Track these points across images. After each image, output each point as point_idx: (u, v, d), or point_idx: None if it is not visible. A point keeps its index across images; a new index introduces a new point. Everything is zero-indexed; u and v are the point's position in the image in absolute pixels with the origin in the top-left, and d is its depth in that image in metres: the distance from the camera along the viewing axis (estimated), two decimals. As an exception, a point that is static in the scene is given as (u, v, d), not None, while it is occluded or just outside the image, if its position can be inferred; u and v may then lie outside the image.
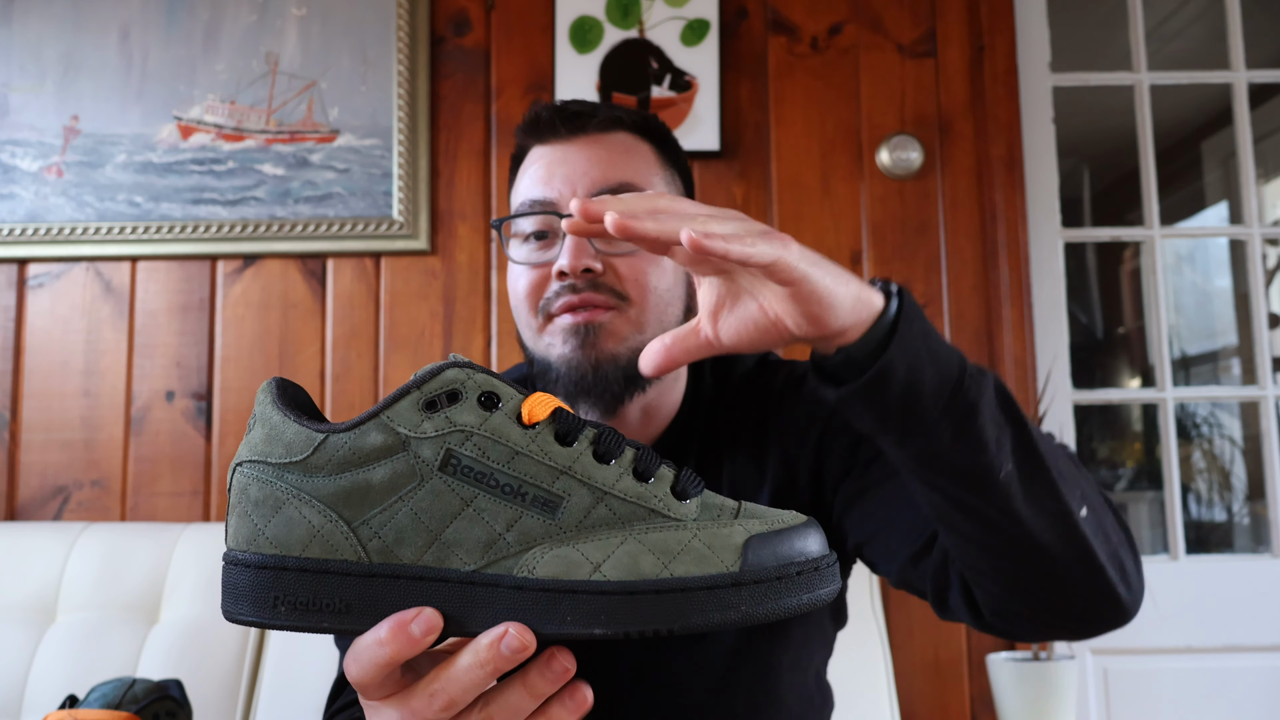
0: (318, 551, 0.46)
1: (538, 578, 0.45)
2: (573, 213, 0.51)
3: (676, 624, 0.44)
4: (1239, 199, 2.24)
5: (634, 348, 0.86)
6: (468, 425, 0.46)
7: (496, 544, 0.45)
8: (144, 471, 1.93)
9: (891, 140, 1.96)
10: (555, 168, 0.89)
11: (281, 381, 0.50)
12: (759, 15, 2.03)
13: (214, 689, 1.54)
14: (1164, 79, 2.16)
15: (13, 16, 2.03)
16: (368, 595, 0.45)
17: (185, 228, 1.97)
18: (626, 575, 0.44)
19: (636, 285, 0.87)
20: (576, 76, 1.98)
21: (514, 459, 0.46)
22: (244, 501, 0.47)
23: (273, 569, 0.46)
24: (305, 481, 0.46)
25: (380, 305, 1.97)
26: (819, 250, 0.57)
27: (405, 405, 0.46)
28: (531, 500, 0.46)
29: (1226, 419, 3.72)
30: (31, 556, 1.66)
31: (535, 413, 0.47)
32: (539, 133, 0.92)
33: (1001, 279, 1.94)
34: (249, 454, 0.48)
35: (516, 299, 0.90)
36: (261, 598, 0.46)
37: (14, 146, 2.00)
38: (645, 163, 0.91)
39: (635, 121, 0.92)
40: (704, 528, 0.46)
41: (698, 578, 0.45)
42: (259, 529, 0.46)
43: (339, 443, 0.46)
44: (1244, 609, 1.98)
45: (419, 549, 0.45)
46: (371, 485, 0.46)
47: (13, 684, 1.56)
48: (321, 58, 2.00)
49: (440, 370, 0.47)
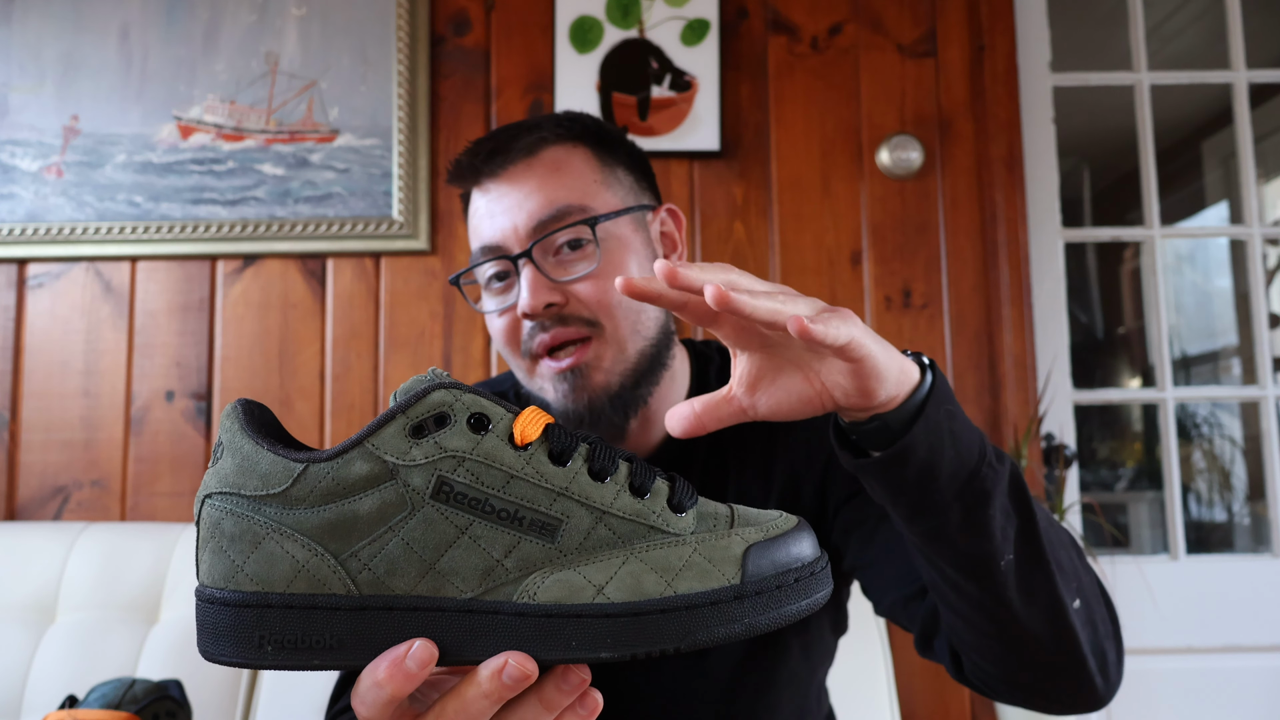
0: (304, 587, 0.43)
1: (540, 603, 0.44)
2: (659, 272, 0.51)
3: (683, 642, 0.43)
4: (1239, 199, 2.24)
5: (623, 371, 0.86)
6: (459, 450, 0.44)
7: (494, 571, 0.44)
8: (144, 471, 1.93)
9: (891, 140, 1.96)
10: (494, 209, 0.87)
11: (247, 404, 0.47)
12: (759, 15, 2.03)
13: (214, 689, 1.54)
14: (1164, 79, 2.16)
15: (13, 16, 2.03)
16: (361, 629, 0.43)
17: (185, 228, 1.97)
18: (630, 596, 0.44)
19: (602, 307, 0.86)
20: (576, 76, 1.98)
21: (509, 483, 0.44)
22: (217, 536, 0.44)
23: (255, 607, 0.43)
24: (286, 514, 0.44)
25: (380, 305, 1.97)
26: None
27: (391, 432, 0.44)
28: (529, 525, 0.44)
29: (1227, 419, 3.72)
30: (31, 556, 1.66)
31: (527, 433, 0.45)
32: (465, 179, 0.90)
33: (1001, 279, 1.94)
34: (219, 485, 0.45)
35: (497, 344, 0.90)
36: (245, 637, 0.43)
37: (14, 146, 2.00)
38: (579, 174, 0.88)
39: (560, 131, 0.89)
40: (703, 540, 0.45)
41: (701, 593, 0.44)
42: (237, 565, 0.44)
43: (320, 473, 0.44)
44: (1244, 609, 1.98)
45: (413, 579, 0.44)
46: (359, 516, 0.43)
47: (13, 684, 1.56)
48: (321, 58, 2.00)
49: (425, 393, 0.45)
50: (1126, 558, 2.02)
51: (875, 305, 1.96)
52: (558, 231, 0.85)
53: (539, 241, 0.85)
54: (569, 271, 0.85)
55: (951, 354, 1.94)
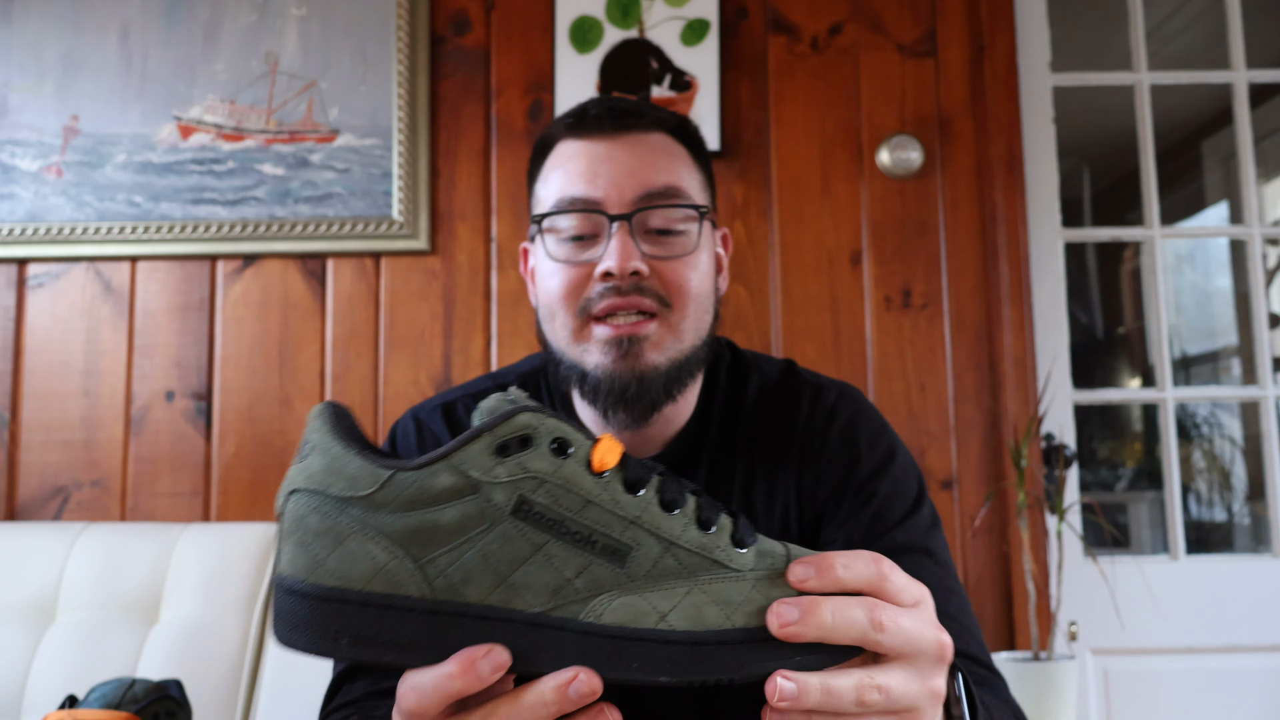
0: (381, 586, 0.45)
1: (604, 624, 0.45)
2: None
3: (738, 674, 0.45)
4: (1239, 199, 2.24)
5: (673, 357, 0.86)
6: (541, 472, 0.46)
7: (564, 589, 0.46)
8: (144, 471, 1.93)
9: (891, 140, 1.96)
10: (599, 165, 0.87)
11: (335, 407, 0.49)
12: (759, 15, 2.03)
13: (214, 689, 1.54)
14: (1164, 79, 2.16)
15: (13, 16, 2.03)
16: (432, 632, 0.45)
17: (185, 228, 1.97)
18: (692, 625, 0.45)
19: (679, 291, 0.86)
20: (576, 76, 1.98)
21: (586, 508, 0.46)
22: (301, 530, 0.47)
23: (335, 602, 0.45)
24: (370, 517, 0.46)
25: (380, 305, 1.97)
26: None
27: (477, 449, 0.46)
28: (601, 549, 0.46)
29: (1227, 419, 3.72)
30: (31, 556, 1.66)
31: (605, 460, 0.47)
32: (584, 128, 0.89)
33: (1001, 279, 1.94)
34: (306, 482, 0.47)
35: (551, 298, 0.88)
36: (323, 630, 0.45)
37: (14, 146, 2.00)
38: (684, 166, 0.90)
39: (675, 124, 0.91)
40: (761, 578, 0.47)
41: (759, 629, 0.46)
42: (319, 560, 0.46)
43: (406, 481, 0.46)
44: (1244, 609, 1.98)
45: (485, 589, 0.45)
46: (440, 525, 0.46)
47: (13, 684, 1.56)
48: (321, 58, 2.00)
49: (512, 414, 0.47)
50: (1126, 558, 2.02)
51: (875, 305, 1.96)
52: (666, 207, 0.86)
53: (641, 211, 0.86)
54: (659, 248, 0.86)
55: (951, 354, 1.94)
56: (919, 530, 0.88)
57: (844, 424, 0.92)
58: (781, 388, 0.96)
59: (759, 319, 1.96)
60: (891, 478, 0.90)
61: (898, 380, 1.94)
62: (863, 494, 0.88)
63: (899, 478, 0.90)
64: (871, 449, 0.91)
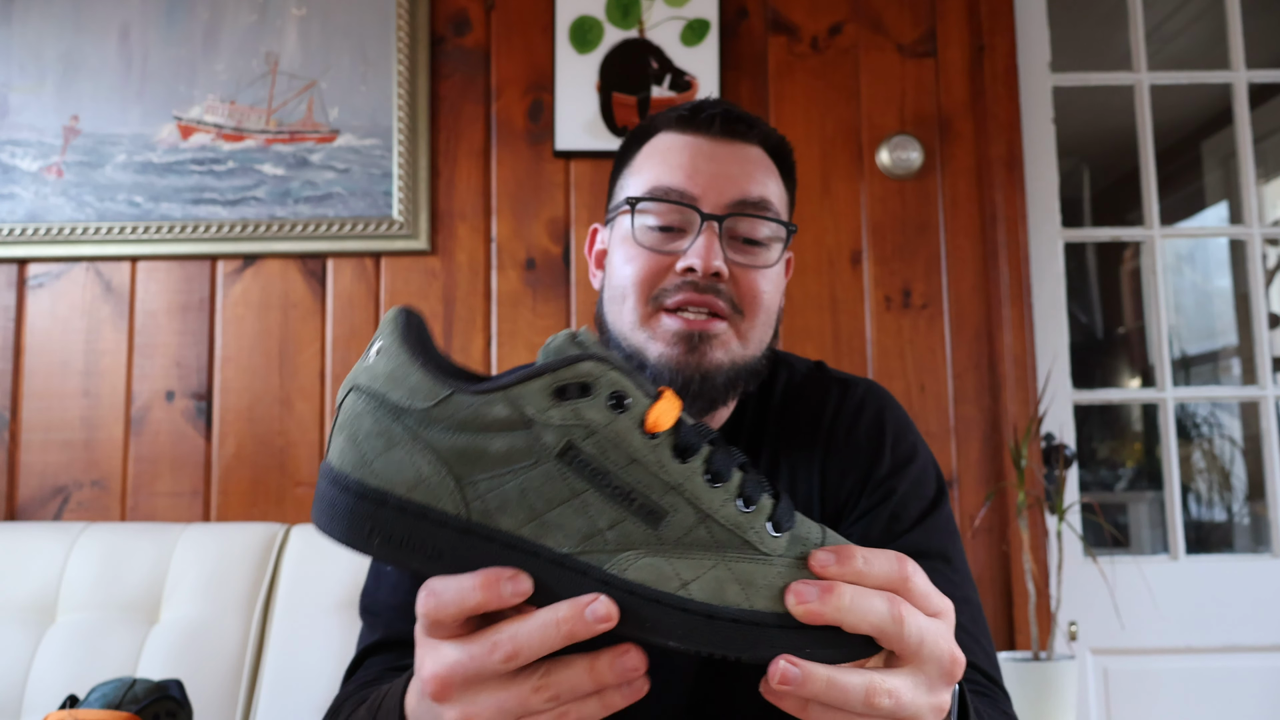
0: (421, 497, 0.46)
1: (626, 578, 0.46)
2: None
3: (746, 654, 0.46)
4: (1239, 199, 2.24)
5: (737, 360, 0.87)
6: (593, 423, 0.47)
7: (595, 538, 0.46)
8: (144, 471, 1.93)
9: (891, 140, 1.96)
10: (700, 162, 0.88)
11: (410, 314, 0.50)
12: (759, 15, 2.03)
13: (214, 689, 1.54)
14: (1164, 79, 2.16)
15: (13, 16, 2.03)
16: (461, 548, 0.46)
17: (185, 228, 1.97)
18: (711, 599, 0.46)
19: (753, 299, 0.87)
20: (576, 76, 1.98)
21: (630, 465, 0.47)
22: (355, 427, 0.48)
23: (374, 501, 0.47)
24: (423, 429, 0.47)
25: (380, 305, 1.97)
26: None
27: (536, 388, 0.47)
28: (638, 508, 0.47)
29: (1226, 419, 3.72)
30: (31, 556, 1.66)
31: (659, 422, 0.47)
32: (693, 124, 0.90)
33: (1001, 279, 1.94)
34: (369, 382, 0.48)
35: (623, 282, 0.88)
36: (358, 525, 0.47)
37: (14, 146, 2.00)
38: (776, 184, 0.91)
39: (775, 143, 0.93)
40: (788, 566, 0.47)
41: (775, 614, 0.46)
42: (367, 459, 0.47)
43: (463, 403, 0.47)
44: (1244, 609, 1.98)
45: (519, 521, 0.46)
46: (487, 452, 0.46)
47: (13, 684, 1.56)
48: (321, 58, 2.00)
49: (576, 360, 0.47)
50: (1126, 558, 2.02)
51: (875, 305, 1.96)
52: (759, 217, 0.87)
53: (734, 216, 0.87)
54: (743, 255, 0.87)
55: (951, 354, 1.95)
56: (936, 533, 0.88)
57: (870, 420, 0.93)
58: (810, 383, 0.96)
59: (759, 319, 1.96)
60: (911, 477, 0.90)
61: (898, 380, 1.94)
62: (881, 490, 0.89)
63: (919, 477, 0.91)
64: (895, 447, 0.91)
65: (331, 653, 1.56)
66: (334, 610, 1.58)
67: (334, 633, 1.57)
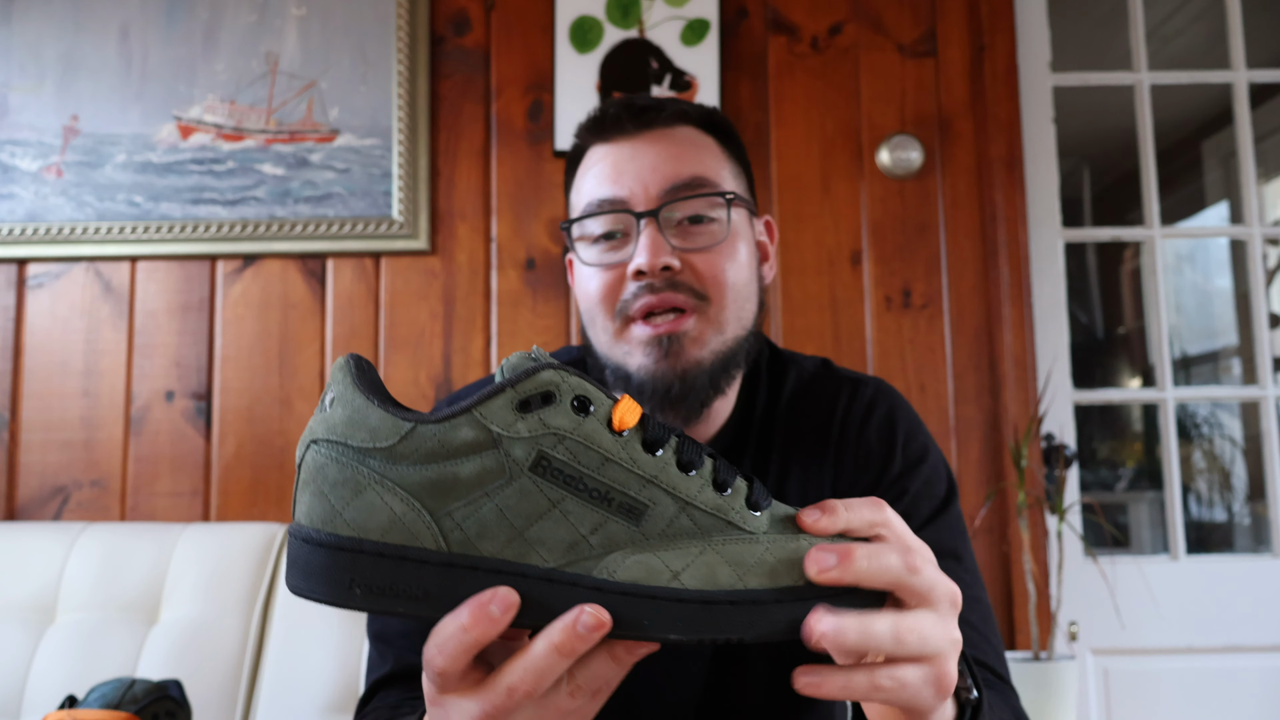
0: (397, 538, 0.46)
1: (618, 580, 0.46)
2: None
3: (748, 633, 0.46)
4: (1239, 199, 2.24)
5: (716, 350, 0.85)
6: (562, 429, 0.46)
7: (579, 545, 0.46)
8: (144, 471, 1.93)
9: (891, 140, 1.96)
10: (623, 165, 0.86)
11: (358, 360, 0.50)
12: (759, 15, 2.03)
13: (214, 689, 1.54)
14: (1164, 79, 2.16)
15: (13, 16, 2.03)
16: (446, 584, 0.46)
17: (185, 228, 1.97)
18: (704, 585, 0.46)
19: (715, 283, 0.85)
20: (576, 76, 1.98)
21: (604, 465, 0.47)
22: (319, 480, 0.47)
23: (350, 551, 0.46)
24: (389, 469, 0.46)
25: (380, 305, 1.97)
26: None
27: (499, 404, 0.46)
28: (618, 506, 0.46)
29: (1227, 419, 3.72)
30: (31, 556, 1.66)
31: (625, 420, 0.47)
32: (604, 131, 0.89)
33: (1001, 279, 1.94)
34: (327, 433, 0.47)
35: (590, 302, 0.88)
36: (337, 579, 0.46)
37: (14, 146, 2.00)
38: (713, 157, 0.89)
39: (701, 116, 0.90)
40: (774, 541, 0.48)
41: (770, 590, 0.46)
42: (336, 510, 0.46)
43: (427, 434, 0.46)
44: (1244, 609, 1.98)
45: (501, 543, 0.46)
46: (458, 478, 0.46)
47: (12, 684, 1.56)
48: (321, 58, 2.00)
49: (535, 371, 0.47)
50: (1126, 558, 2.02)
51: (875, 305, 1.96)
52: (692, 197, 0.85)
53: (668, 204, 0.85)
54: (689, 242, 0.85)
55: (951, 354, 1.94)
56: (947, 532, 0.88)
57: (881, 420, 0.92)
58: (819, 383, 0.95)
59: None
60: (923, 476, 0.90)
61: (898, 380, 1.94)
62: (894, 491, 0.88)
63: (930, 476, 0.90)
64: (906, 446, 0.91)
65: (331, 653, 1.56)
66: (334, 610, 1.58)
67: (334, 633, 1.57)
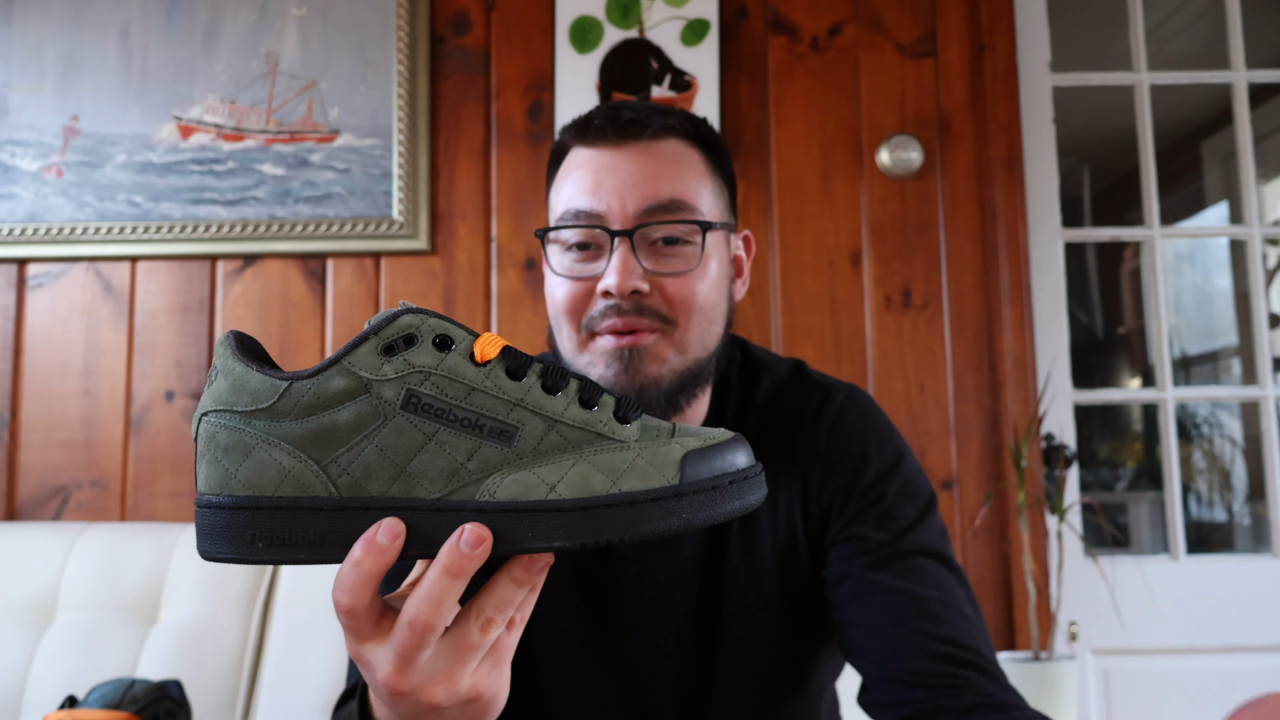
0: (290, 490, 0.48)
1: (499, 500, 0.48)
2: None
3: (628, 533, 0.48)
4: (1239, 199, 2.24)
5: (676, 369, 0.85)
6: (425, 366, 0.49)
7: (459, 473, 0.49)
8: (143, 471, 1.93)
9: (891, 140, 1.96)
10: (604, 177, 0.85)
11: (239, 334, 0.52)
12: (759, 15, 2.03)
13: (214, 689, 1.54)
14: (1164, 79, 2.16)
15: (13, 16, 2.03)
16: (340, 527, 0.49)
17: (185, 228, 1.97)
18: (579, 493, 0.48)
19: (684, 307, 0.85)
20: (576, 76, 1.98)
21: (470, 395, 0.49)
22: (212, 448, 0.50)
23: (247, 509, 0.49)
24: (273, 426, 0.49)
25: (380, 305, 1.97)
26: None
27: (365, 351, 0.49)
28: (489, 431, 0.49)
29: (1227, 419, 3.72)
30: (31, 556, 1.66)
31: (486, 351, 0.50)
32: (588, 136, 0.88)
33: (1001, 279, 1.94)
34: (214, 404, 0.50)
35: (555, 309, 0.88)
36: (239, 536, 0.49)
37: (14, 146, 2.00)
38: (695, 173, 0.88)
39: (688, 128, 0.89)
40: (645, 447, 0.50)
41: (643, 491, 0.49)
42: (230, 473, 0.49)
43: (303, 389, 0.49)
44: (1244, 609, 1.98)
45: (386, 482, 0.49)
46: (337, 426, 0.49)
47: (12, 684, 1.56)
48: (321, 58, 2.00)
49: (395, 316, 0.50)
50: (1126, 558, 2.02)
51: (875, 305, 1.96)
52: (669, 223, 0.85)
53: (644, 226, 0.84)
54: (661, 265, 0.85)
55: (951, 354, 1.94)
56: (935, 533, 0.89)
57: (850, 426, 0.92)
58: (790, 389, 0.95)
59: (759, 319, 1.96)
60: (901, 478, 0.90)
61: (898, 380, 1.94)
62: (871, 494, 0.88)
63: (910, 478, 0.91)
64: (879, 451, 0.91)
65: (331, 653, 1.56)
66: (333, 610, 1.58)
67: (334, 633, 1.57)
